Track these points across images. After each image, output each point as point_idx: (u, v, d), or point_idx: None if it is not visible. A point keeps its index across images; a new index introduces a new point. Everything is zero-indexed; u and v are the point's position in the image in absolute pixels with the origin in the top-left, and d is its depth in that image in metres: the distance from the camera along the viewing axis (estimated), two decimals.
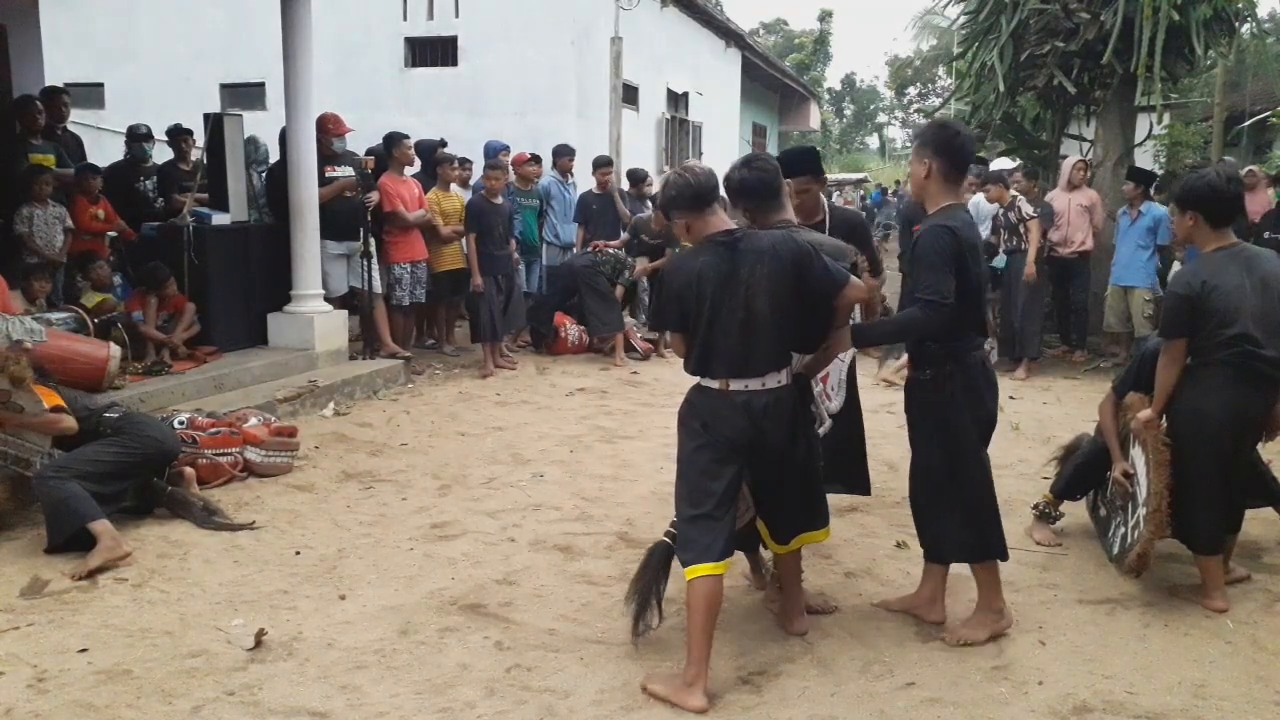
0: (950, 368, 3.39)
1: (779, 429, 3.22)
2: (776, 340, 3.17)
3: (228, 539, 4.45)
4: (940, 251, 3.27)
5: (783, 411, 3.22)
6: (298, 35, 7.40)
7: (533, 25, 12.50)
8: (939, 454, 3.48)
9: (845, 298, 3.26)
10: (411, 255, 8.32)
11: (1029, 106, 11.36)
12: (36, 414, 4.41)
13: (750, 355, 3.15)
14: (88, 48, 13.70)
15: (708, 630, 3.10)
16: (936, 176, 3.40)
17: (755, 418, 3.16)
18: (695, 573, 3.11)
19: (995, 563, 3.56)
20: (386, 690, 3.17)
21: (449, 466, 5.68)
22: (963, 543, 3.53)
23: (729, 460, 3.17)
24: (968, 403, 3.42)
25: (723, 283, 3.12)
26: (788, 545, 3.49)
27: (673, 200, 3.25)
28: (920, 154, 3.44)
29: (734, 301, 3.12)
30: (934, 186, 3.41)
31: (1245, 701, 3.15)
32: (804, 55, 37.38)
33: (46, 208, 6.94)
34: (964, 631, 3.53)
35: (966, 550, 3.55)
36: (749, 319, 3.12)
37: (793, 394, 3.28)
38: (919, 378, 3.50)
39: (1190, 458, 3.78)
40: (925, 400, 3.48)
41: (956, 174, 3.44)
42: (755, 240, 3.18)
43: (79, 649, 3.39)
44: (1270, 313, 3.67)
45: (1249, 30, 10.78)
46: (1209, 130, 15.27)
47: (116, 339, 6.18)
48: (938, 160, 3.39)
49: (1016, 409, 7.23)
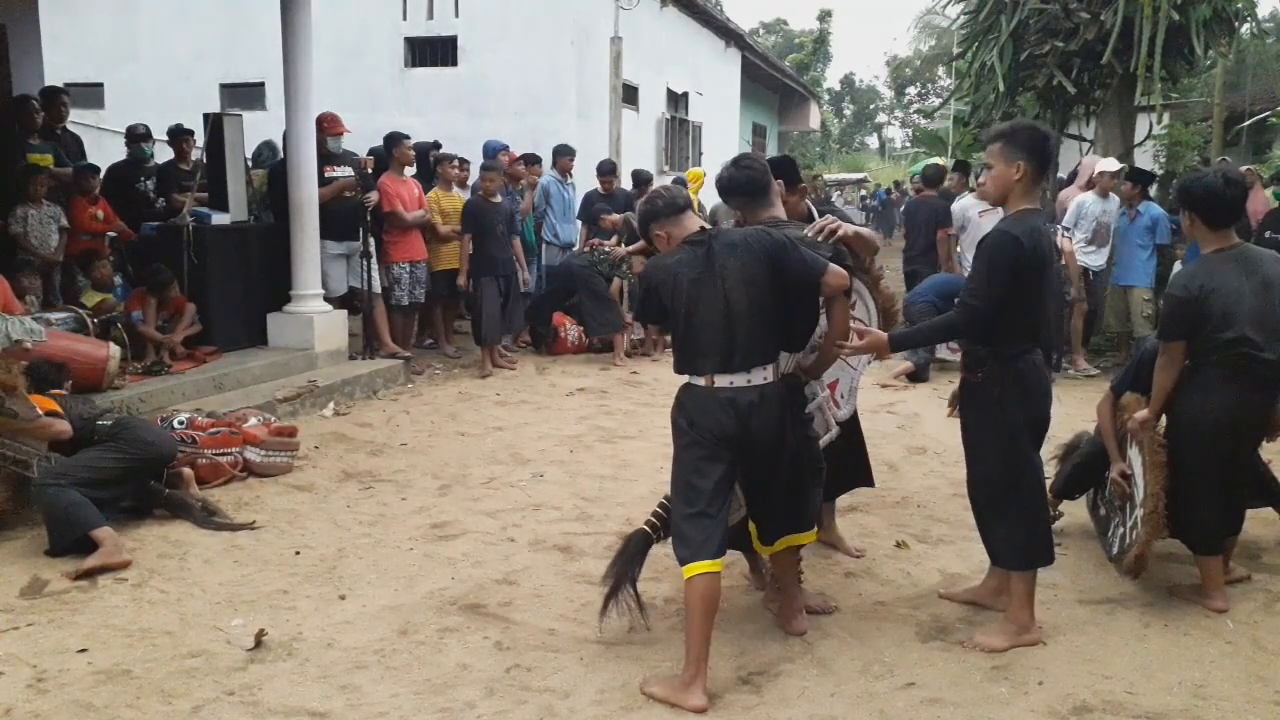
0: (999, 370, 3.41)
1: (767, 426, 3.22)
2: (759, 335, 3.19)
3: (228, 539, 4.45)
4: (999, 259, 3.30)
5: (770, 409, 3.22)
6: (298, 35, 7.40)
7: (533, 25, 12.49)
8: (994, 456, 3.49)
9: (828, 285, 3.28)
10: (410, 255, 8.32)
11: (1029, 106, 11.36)
12: (30, 419, 4.40)
13: (733, 350, 3.17)
14: (88, 48, 13.68)
15: (705, 629, 3.11)
16: (1026, 179, 3.41)
17: (741, 415, 3.17)
18: (691, 571, 3.12)
19: (1034, 574, 3.54)
20: (386, 690, 3.17)
21: (449, 466, 5.68)
22: (1015, 547, 3.53)
23: (717, 457, 3.19)
24: (1020, 404, 3.43)
25: (699, 278, 3.19)
26: (772, 546, 3.50)
27: (648, 215, 3.37)
28: (1011, 155, 3.40)
29: (712, 295, 3.18)
30: (1020, 189, 3.42)
31: (1245, 701, 3.15)
32: (804, 55, 37.34)
33: (41, 208, 6.93)
34: (983, 638, 3.51)
35: (1016, 556, 3.54)
36: (728, 312, 3.16)
37: (780, 391, 3.28)
38: (972, 380, 3.52)
39: (1189, 459, 3.77)
40: (980, 401, 3.50)
41: (1041, 178, 3.49)
42: (727, 236, 3.27)
43: (79, 649, 3.39)
44: (1270, 316, 3.67)
45: (1249, 30, 10.79)
46: (1209, 130, 15.27)
47: (116, 339, 6.19)
48: (1031, 164, 3.40)
49: None
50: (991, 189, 3.51)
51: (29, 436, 4.44)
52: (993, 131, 3.64)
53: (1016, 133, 3.48)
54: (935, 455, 5.92)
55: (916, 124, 43.34)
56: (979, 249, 3.40)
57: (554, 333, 9.50)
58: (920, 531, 4.64)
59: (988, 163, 3.50)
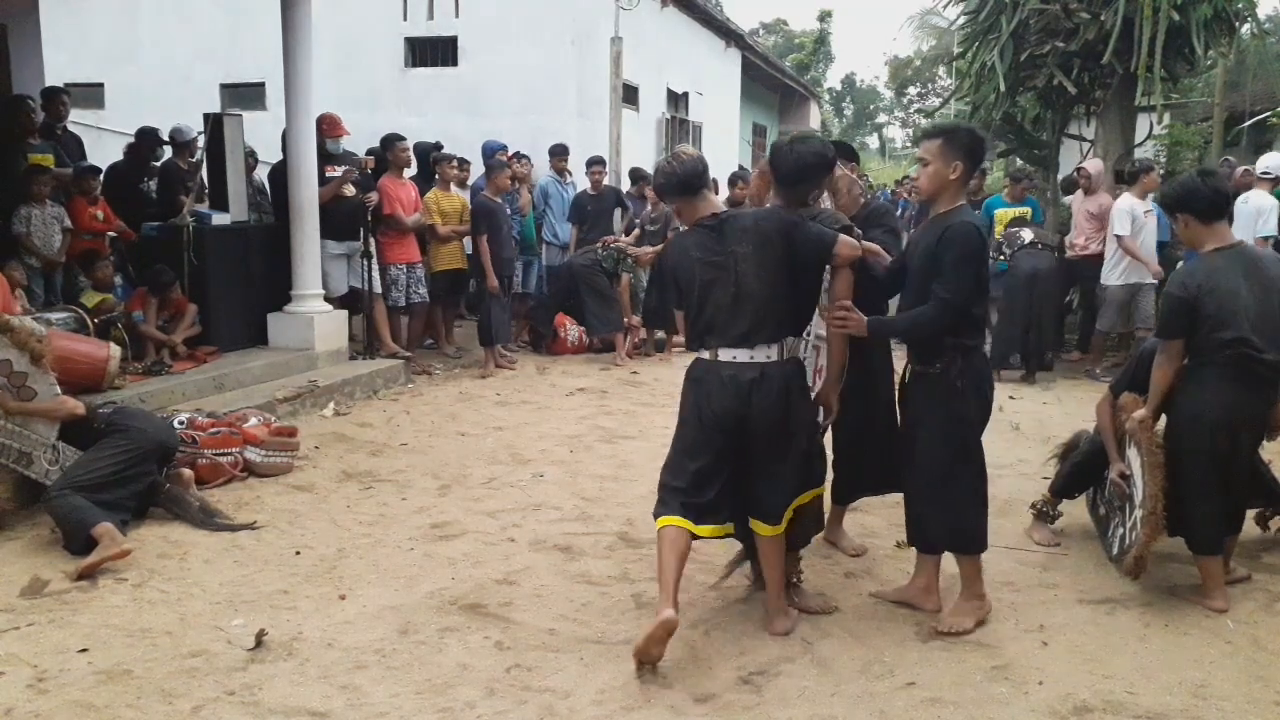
0: (961, 362, 3.51)
1: (768, 403, 3.33)
2: (766, 314, 3.33)
3: (228, 539, 4.45)
4: (970, 252, 3.44)
5: (772, 387, 3.33)
6: (298, 35, 7.40)
7: (533, 25, 12.49)
8: (943, 445, 3.58)
9: (839, 257, 3.42)
10: (405, 257, 8.30)
11: (1029, 106, 11.36)
12: (47, 397, 4.46)
13: (740, 326, 3.32)
14: (88, 48, 13.68)
15: (673, 566, 3.31)
16: (960, 179, 3.54)
17: (742, 392, 3.31)
18: (662, 523, 3.40)
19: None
20: (386, 690, 3.17)
21: (449, 466, 5.68)
22: (957, 531, 3.65)
23: (710, 442, 3.37)
24: (976, 392, 3.56)
25: (711, 260, 3.35)
26: (779, 525, 3.47)
27: (661, 188, 3.58)
28: (951, 155, 3.51)
29: (724, 277, 3.33)
30: (954, 188, 3.55)
31: (1245, 701, 3.15)
32: (804, 55, 37.33)
33: (45, 208, 6.93)
34: (952, 620, 3.61)
35: (959, 540, 3.67)
36: (738, 294, 3.32)
37: (784, 370, 3.38)
38: (928, 371, 3.58)
39: (1187, 458, 3.78)
40: (934, 393, 3.57)
41: (970, 180, 3.71)
42: (739, 219, 3.39)
43: (79, 649, 3.39)
44: (1271, 318, 3.66)
45: (1249, 30, 10.77)
46: (1209, 130, 15.26)
47: (116, 339, 6.19)
48: (967, 165, 3.53)
49: (1016, 409, 7.23)
50: (926, 185, 3.61)
51: (43, 416, 4.48)
52: (933, 128, 3.76)
53: (958, 133, 3.61)
54: None
55: (917, 124, 43.33)
56: (940, 246, 3.47)
57: (554, 333, 9.51)
58: None
59: (924, 158, 3.59)
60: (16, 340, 4.49)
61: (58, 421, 4.53)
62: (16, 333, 4.51)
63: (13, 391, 4.47)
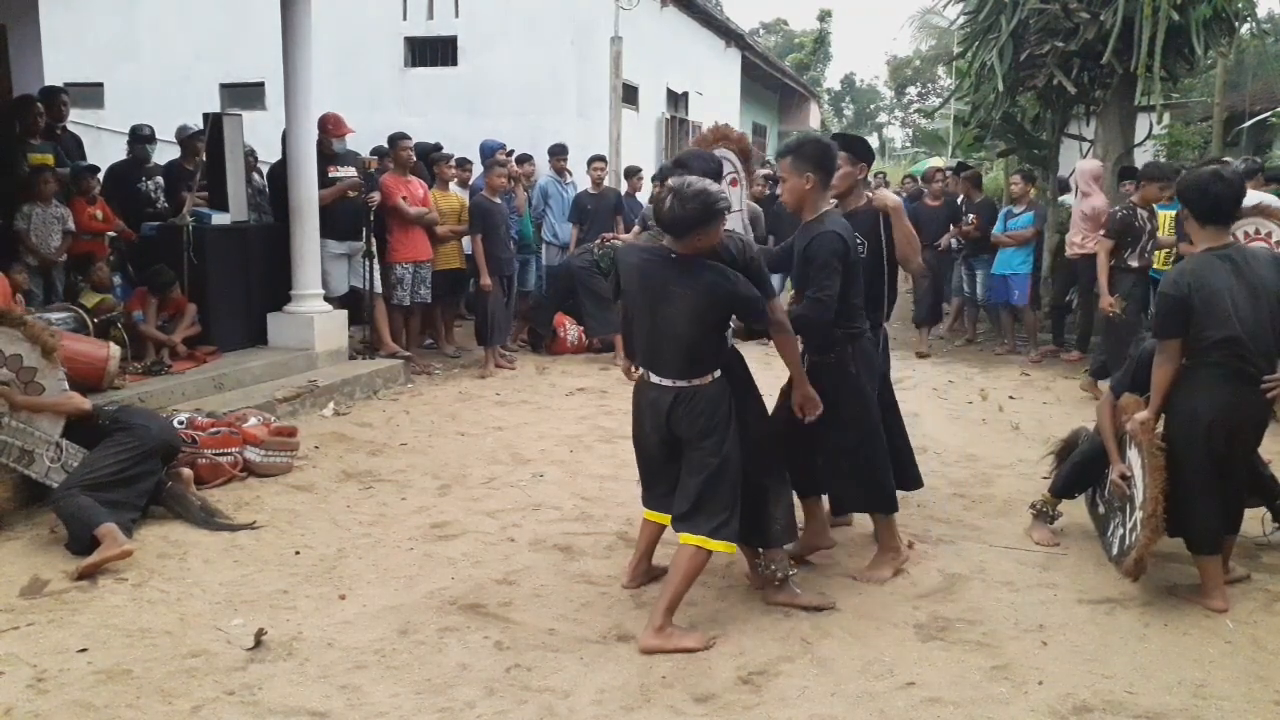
0: (851, 349, 3.91)
1: (688, 421, 3.48)
2: (680, 355, 3.46)
3: (228, 539, 4.45)
4: (832, 256, 3.74)
5: (695, 408, 3.46)
6: (298, 35, 7.40)
7: (533, 25, 12.49)
8: (850, 423, 3.93)
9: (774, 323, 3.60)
10: (415, 255, 8.27)
11: (1029, 106, 11.36)
12: (55, 393, 4.49)
13: (657, 358, 3.52)
14: (88, 48, 13.67)
15: (637, 545, 3.98)
16: (816, 188, 3.85)
17: (658, 411, 3.53)
18: (645, 514, 3.91)
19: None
20: (386, 690, 3.17)
21: (449, 466, 5.68)
22: (873, 496, 4.08)
23: (645, 444, 3.70)
24: (868, 370, 4.00)
25: (641, 287, 3.49)
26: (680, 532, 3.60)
27: (670, 229, 3.41)
28: (800, 168, 3.82)
29: (647, 308, 3.47)
30: (814, 196, 3.87)
31: (1245, 701, 3.15)
32: (804, 55, 37.32)
33: (49, 207, 6.93)
34: (871, 573, 4.05)
35: (873, 502, 4.11)
36: (653, 328, 3.47)
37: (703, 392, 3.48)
38: (824, 362, 3.92)
39: (1185, 458, 3.78)
40: (837, 377, 3.91)
41: (828, 185, 3.97)
42: (684, 263, 3.38)
43: (79, 649, 3.39)
44: (1260, 320, 3.67)
45: (1249, 30, 10.77)
46: (1209, 130, 15.25)
47: (116, 339, 6.19)
48: (818, 174, 3.83)
49: (1016, 409, 7.23)
50: (787, 199, 4.00)
51: (50, 412, 4.49)
52: (782, 147, 4.03)
53: (803, 146, 3.95)
54: (935, 455, 5.92)
55: (916, 124, 43.33)
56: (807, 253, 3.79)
57: (554, 333, 9.50)
58: (920, 531, 4.63)
59: (781, 176, 3.88)
60: (30, 334, 4.52)
61: (63, 417, 4.53)
62: (30, 326, 4.57)
63: (21, 387, 4.49)
